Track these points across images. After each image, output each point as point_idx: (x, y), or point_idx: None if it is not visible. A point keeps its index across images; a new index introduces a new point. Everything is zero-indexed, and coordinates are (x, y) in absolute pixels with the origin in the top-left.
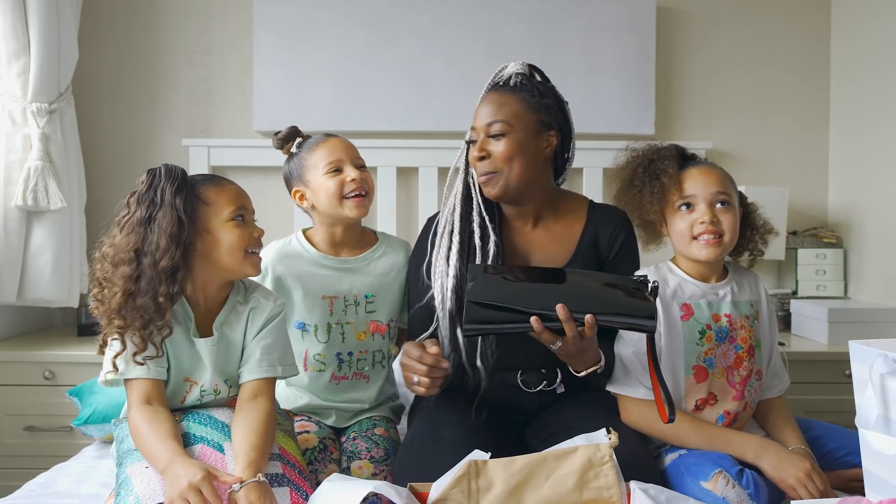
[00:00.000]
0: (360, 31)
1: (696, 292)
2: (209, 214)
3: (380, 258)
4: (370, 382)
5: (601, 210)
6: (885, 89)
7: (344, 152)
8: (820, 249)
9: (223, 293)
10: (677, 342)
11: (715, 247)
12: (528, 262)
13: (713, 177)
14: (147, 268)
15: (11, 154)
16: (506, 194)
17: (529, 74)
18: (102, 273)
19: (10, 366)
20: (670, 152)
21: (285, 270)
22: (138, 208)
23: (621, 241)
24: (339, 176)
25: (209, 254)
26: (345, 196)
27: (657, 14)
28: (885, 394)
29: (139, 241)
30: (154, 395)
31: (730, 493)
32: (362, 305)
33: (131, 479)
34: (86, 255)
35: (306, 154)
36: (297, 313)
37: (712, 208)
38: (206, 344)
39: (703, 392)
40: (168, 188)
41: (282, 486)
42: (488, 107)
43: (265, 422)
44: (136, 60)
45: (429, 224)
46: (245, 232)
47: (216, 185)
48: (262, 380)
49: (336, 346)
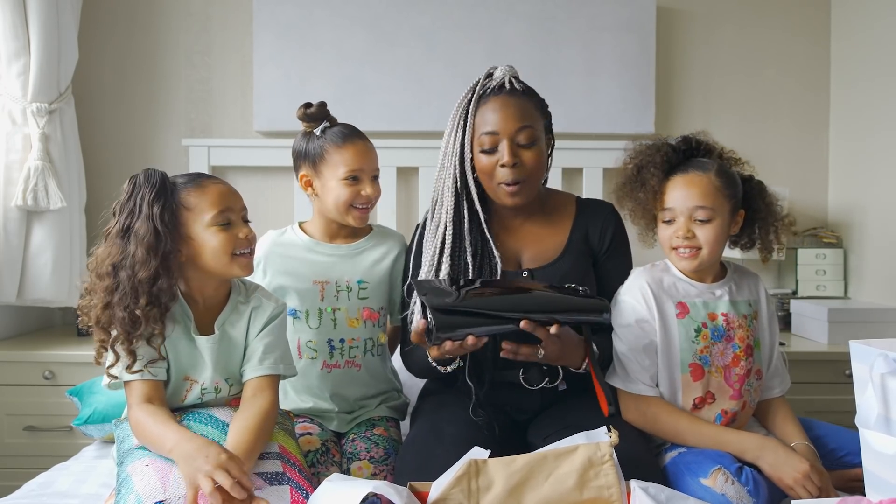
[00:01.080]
0: (360, 31)
1: (691, 291)
2: (190, 220)
3: (373, 247)
4: (362, 371)
5: (589, 204)
6: (885, 90)
7: (367, 162)
8: (820, 249)
9: (222, 292)
10: (673, 340)
11: (691, 259)
12: (520, 259)
13: (696, 188)
14: (124, 280)
15: (11, 154)
16: (525, 201)
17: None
18: (90, 284)
19: (10, 366)
20: (661, 157)
21: (276, 257)
22: (119, 218)
23: (611, 234)
24: (354, 186)
25: (195, 259)
26: (353, 206)
27: (657, 14)
28: (886, 393)
29: (118, 253)
30: (154, 396)
31: (729, 489)
32: (354, 292)
33: (132, 478)
34: (86, 255)
35: (330, 147)
36: (290, 300)
37: (690, 222)
38: (207, 342)
39: (701, 391)
40: (146, 195)
41: (282, 484)
42: (510, 111)
43: (261, 419)
44: (136, 60)
45: (422, 230)
46: (229, 236)
47: (197, 188)
48: (264, 377)
49: (328, 333)
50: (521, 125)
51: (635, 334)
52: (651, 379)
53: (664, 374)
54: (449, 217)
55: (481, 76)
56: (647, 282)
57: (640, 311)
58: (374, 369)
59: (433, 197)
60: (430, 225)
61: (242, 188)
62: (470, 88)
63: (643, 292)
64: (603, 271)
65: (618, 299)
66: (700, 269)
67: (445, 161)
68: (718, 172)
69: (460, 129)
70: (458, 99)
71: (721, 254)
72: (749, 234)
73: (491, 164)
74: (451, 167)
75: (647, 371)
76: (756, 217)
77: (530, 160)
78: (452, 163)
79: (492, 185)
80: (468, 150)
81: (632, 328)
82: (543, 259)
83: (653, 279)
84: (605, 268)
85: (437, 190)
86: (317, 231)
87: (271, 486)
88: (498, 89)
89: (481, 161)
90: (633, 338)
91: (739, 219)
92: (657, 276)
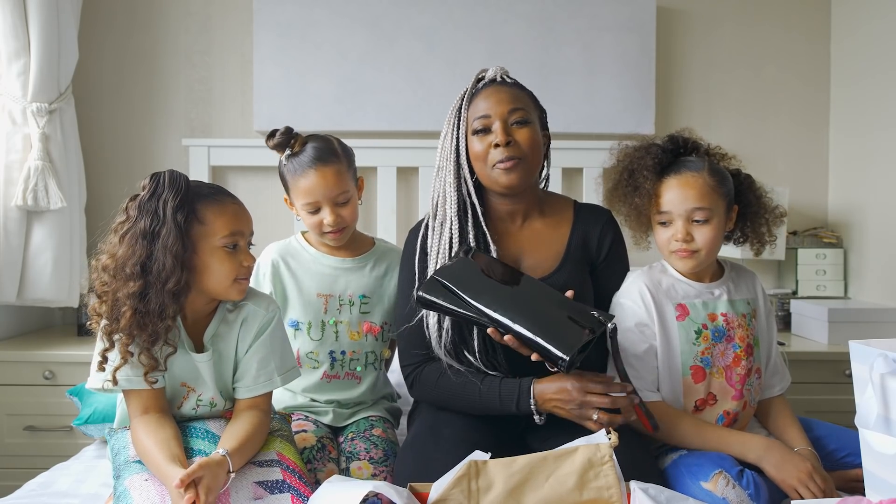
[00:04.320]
0: (360, 30)
1: (690, 292)
2: (200, 235)
3: (375, 262)
4: (361, 383)
5: (587, 210)
6: (886, 89)
7: (322, 194)
8: (820, 249)
9: (211, 305)
10: (673, 343)
11: (689, 260)
12: (519, 266)
13: (692, 189)
14: (155, 287)
15: (11, 154)
16: (522, 184)
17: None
18: (101, 286)
19: (10, 366)
20: (652, 160)
21: (283, 268)
22: (141, 218)
23: (609, 241)
24: (317, 216)
25: (198, 275)
26: (323, 231)
27: (657, 14)
28: (885, 394)
29: (144, 255)
30: (151, 404)
31: (730, 493)
32: (356, 305)
33: (130, 492)
34: (86, 255)
35: (289, 177)
36: (292, 311)
37: (688, 223)
38: (202, 359)
39: (703, 392)
40: (171, 201)
41: (283, 492)
42: (502, 95)
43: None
44: (136, 60)
45: (412, 238)
46: (234, 264)
47: (216, 204)
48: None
49: (329, 345)
50: (513, 107)
51: (635, 338)
52: (652, 383)
53: (665, 378)
54: (454, 212)
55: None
56: (646, 284)
57: (639, 315)
58: (373, 382)
59: (433, 196)
60: (434, 223)
61: (242, 188)
62: (464, 90)
63: (642, 295)
64: (601, 279)
65: (617, 302)
66: (698, 269)
67: (443, 161)
68: (711, 171)
69: (455, 126)
70: (456, 96)
71: (718, 251)
72: (741, 228)
73: (485, 147)
74: (450, 163)
75: (648, 375)
76: (747, 211)
77: (524, 138)
78: (451, 159)
79: (486, 169)
80: (463, 143)
81: (632, 332)
82: (542, 269)
83: (651, 281)
84: (604, 275)
85: (437, 188)
86: (318, 242)
87: (272, 494)
88: (489, 82)
89: (475, 147)
90: (633, 342)
91: (734, 215)
92: (656, 279)
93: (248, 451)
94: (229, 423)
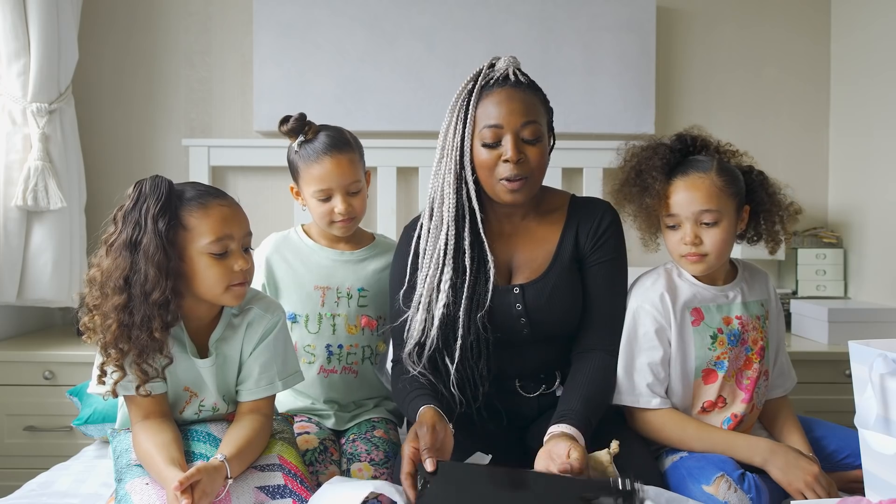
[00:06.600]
0: (360, 30)
1: (705, 296)
2: (186, 240)
3: (375, 256)
4: (358, 378)
5: (582, 204)
6: (886, 89)
7: (336, 181)
8: (820, 249)
9: (215, 309)
10: (689, 349)
11: (699, 264)
12: (511, 267)
13: (699, 192)
14: (138, 299)
15: (11, 154)
16: (525, 201)
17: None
18: (92, 299)
19: (10, 366)
20: (660, 160)
21: (279, 260)
22: (124, 229)
23: (601, 231)
24: (327, 203)
25: (189, 281)
26: (332, 221)
27: (657, 14)
28: (885, 394)
29: (127, 267)
30: (152, 409)
31: (732, 497)
32: (355, 299)
33: (131, 496)
34: (86, 256)
35: (301, 163)
36: (289, 304)
37: (696, 226)
38: (205, 364)
39: (712, 394)
40: (152, 207)
41: (284, 497)
42: (515, 104)
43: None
44: (136, 60)
45: (407, 237)
46: (223, 269)
47: (201, 207)
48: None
49: (326, 338)
50: (526, 120)
51: (652, 345)
52: (662, 391)
53: (677, 382)
54: (451, 216)
55: (484, 66)
56: (664, 289)
57: (659, 320)
58: (370, 377)
59: (430, 195)
60: (430, 224)
61: (242, 188)
62: (471, 78)
63: (663, 300)
64: (588, 276)
65: (633, 307)
66: (709, 272)
67: (444, 155)
68: (719, 171)
69: (461, 121)
70: (458, 89)
71: (730, 253)
72: (755, 227)
73: (492, 158)
74: (451, 161)
75: (661, 384)
76: (760, 209)
77: (534, 157)
78: (452, 157)
79: (491, 181)
80: (468, 144)
81: (649, 338)
82: (532, 271)
83: (668, 286)
84: (592, 270)
85: (436, 187)
86: (319, 235)
87: (273, 499)
88: (502, 80)
89: (482, 155)
90: (650, 348)
91: (745, 215)
92: (672, 283)
93: (248, 457)
94: (230, 427)
